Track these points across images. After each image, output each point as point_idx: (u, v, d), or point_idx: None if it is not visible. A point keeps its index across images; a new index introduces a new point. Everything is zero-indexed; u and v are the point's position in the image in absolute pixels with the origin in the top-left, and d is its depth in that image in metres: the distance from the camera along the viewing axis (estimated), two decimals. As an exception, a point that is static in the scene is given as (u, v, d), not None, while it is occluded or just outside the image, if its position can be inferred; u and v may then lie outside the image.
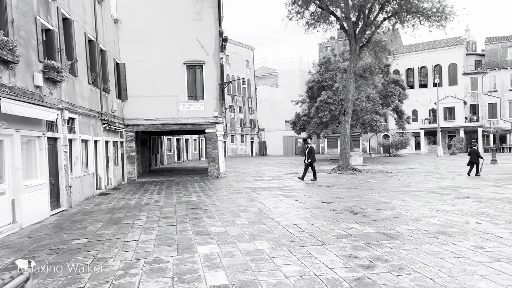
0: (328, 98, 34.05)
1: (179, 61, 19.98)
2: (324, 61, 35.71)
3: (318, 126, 35.93)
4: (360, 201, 10.78)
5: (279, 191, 13.56)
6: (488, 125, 50.11)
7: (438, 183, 15.14)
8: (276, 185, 15.86)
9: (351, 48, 23.03)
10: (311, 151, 17.03)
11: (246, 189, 14.61)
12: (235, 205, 10.63)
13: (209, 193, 13.74)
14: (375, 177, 18.79)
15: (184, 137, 41.30)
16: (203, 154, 46.83)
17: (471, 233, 6.70)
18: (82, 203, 12.13)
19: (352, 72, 22.99)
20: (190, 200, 12.01)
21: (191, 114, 20.08)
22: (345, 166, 22.48)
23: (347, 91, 23.17)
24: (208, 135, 20.36)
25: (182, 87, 20.05)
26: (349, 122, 23.16)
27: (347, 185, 15.35)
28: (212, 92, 20.20)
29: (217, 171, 20.39)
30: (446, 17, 21.51)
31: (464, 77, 51.58)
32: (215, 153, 20.36)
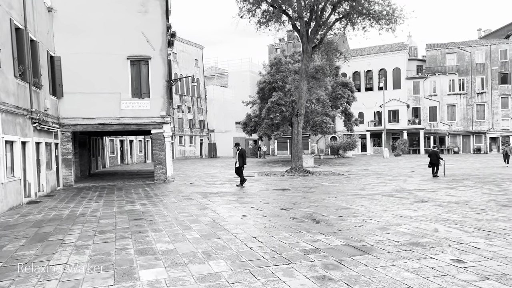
0: (279, 99, 33.64)
1: (122, 55, 18.42)
2: (275, 62, 35.29)
3: (270, 127, 35.43)
4: (320, 207, 10.13)
5: (233, 197, 12.62)
6: (429, 128, 52.51)
7: (393, 186, 14.98)
8: (229, 189, 14.90)
9: (304, 48, 22.64)
10: (242, 154, 15.90)
11: (197, 195, 13.52)
12: (185, 214, 9.55)
13: (155, 200, 12.49)
14: (328, 179, 18.42)
15: (128, 138, 39.08)
16: (149, 156, 44.73)
17: (445, 243, 6.18)
18: (5, 214, 10.44)
19: (304, 73, 22.60)
20: (133, 209, 10.73)
21: (136, 113, 18.59)
22: (298, 168, 22.03)
23: (299, 92, 22.74)
24: (154, 136, 18.97)
25: (125, 83, 18.51)
26: (301, 123, 22.74)
27: (303, 188, 14.74)
28: (159, 90, 18.84)
29: (164, 175, 19.05)
30: (396, 20, 21.75)
31: (407, 81, 53.67)
32: (162, 156, 19.01)
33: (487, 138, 50.62)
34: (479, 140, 50.94)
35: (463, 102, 51.63)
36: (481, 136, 50.97)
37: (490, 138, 50.67)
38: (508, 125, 50.08)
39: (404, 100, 52.92)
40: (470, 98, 51.37)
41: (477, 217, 8.31)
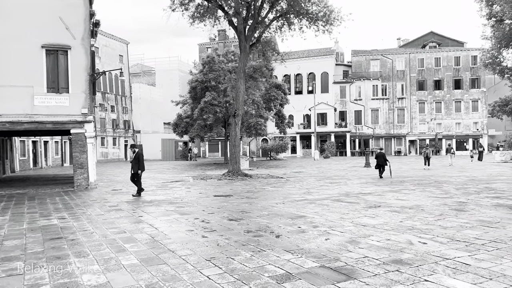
0: (213, 100, 32.37)
1: (36, 43, 15.95)
2: (208, 61, 33.95)
3: (202, 128, 33.98)
4: (272, 216, 9.11)
5: (170, 206, 11.14)
6: (354, 131, 54.64)
7: (337, 189, 14.52)
8: (164, 197, 13.33)
9: (241, 46, 21.66)
10: (139, 158, 13.62)
11: (127, 204, 11.80)
12: (116, 230, 7.94)
13: (76, 212, 10.58)
14: (269, 183, 17.59)
15: (42, 139, 35.05)
16: (66, 159, 40.71)
17: (430, 259, 5.46)
18: None
19: (242, 72, 21.62)
20: (49, 224, 8.83)
21: (52, 110, 16.19)
22: (236, 172, 20.97)
23: (236, 92, 21.71)
24: (74, 136, 16.68)
25: (39, 76, 16.04)
26: (239, 124, 21.73)
27: (246, 194, 13.68)
28: (80, 84, 16.61)
29: (86, 181, 16.82)
30: (332, 22, 21.69)
31: (334, 85, 55.37)
32: (84, 159, 16.78)
33: (406, 141, 53.96)
34: (400, 143, 54.11)
35: (386, 107, 54.51)
36: (401, 139, 54.19)
37: (409, 141, 54.08)
38: (424, 129, 53.84)
39: (331, 103, 54.50)
40: (391, 103, 54.39)
41: (441, 224, 7.87)
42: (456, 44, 56.80)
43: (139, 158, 13.66)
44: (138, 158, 13.64)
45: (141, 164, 13.59)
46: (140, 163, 13.58)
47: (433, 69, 53.63)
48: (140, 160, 13.65)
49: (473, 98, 52.88)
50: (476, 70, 52.51)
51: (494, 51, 28.39)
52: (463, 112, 53.13)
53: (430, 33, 58.96)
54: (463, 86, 53.00)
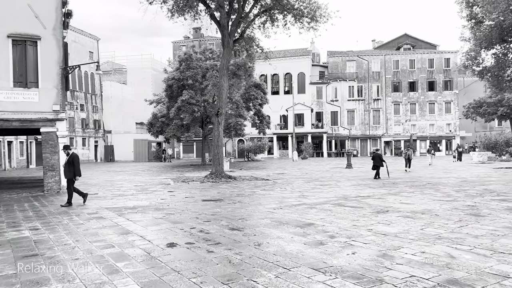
0: (191, 98, 31.10)
1: (1, 32, 14.39)
2: (185, 58, 32.63)
3: (179, 128, 32.60)
4: (276, 224, 8.18)
5: (158, 213, 10.00)
6: (331, 132, 54.52)
7: (332, 192, 13.76)
8: (147, 202, 12.13)
9: (224, 41, 20.63)
10: (73, 162, 11.61)
11: (108, 211, 10.55)
12: (102, 244, 6.78)
13: (51, 220, 9.27)
14: (256, 185, 16.66)
15: (6, 139, 32.67)
16: (32, 161, 38.29)
17: (489, 279, 4.68)
18: None
19: (225, 69, 20.59)
20: (20, 237, 7.54)
21: (19, 107, 14.65)
22: (219, 174, 19.91)
23: (220, 89, 20.65)
24: (45, 136, 15.18)
25: (5, 68, 14.50)
26: (222, 124, 20.66)
27: (236, 198, 12.68)
28: (51, 78, 15.14)
29: (57, 184, 15.35)
30: (318, 19, 21.01)
31: (311, 86, 55.09)
32: (55, 160, 15.30)
33: (382, 142, 54.30)
34: (375, 144, 54.40)
35: (361, 108, 54.70)
36: (376, 140, 54.52)
37: (385, 142, 54.48)
38: (399, 130, 54.37)
39: (308, 104, 54.19)
40: (367, 104, 54.63)
41: (468, 232, 7.17)
42: (429, 47, 57.77)
43: (73, 161, 11.62)
44: (73, 162, 11.60)
45: (77, 169, 11.59)
46: (75, 167, 11.56)
47: (408, 71, 54.28)
48: (75, 164, 11.61)
49: (446, 100, 53.88)
50: (449, 72, 53.55)
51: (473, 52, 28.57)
52: (437, 114, 54.03)
53: (404, 35, 59.75)
54: (437, 88, 53.92)
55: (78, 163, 11.72)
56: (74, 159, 11.66)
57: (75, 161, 11.65)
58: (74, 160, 11.65)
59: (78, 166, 11.68)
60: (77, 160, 11.79)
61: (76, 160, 11.73)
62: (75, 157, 11.81)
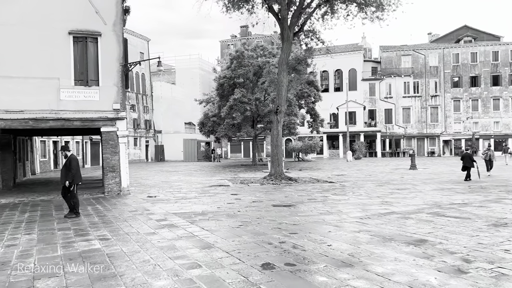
0: (242, 97, 30.21)
1: (63, 29, 13.98)
2: (236, 56, 31.81)
3: (231, 128, 31.84)
4: (381, 240, 6.86)
5: (232, 221, 8.96)
6: (385, 130, 51.93)
7: (417, 199, 12.19)
8: (214, 206, 11.16)
9: (284, 35, 19.44)
10: (71, 165, 9.82)
11: (177, 217, 9.65)
12: (185, 262, 5.77)
13: (119, 228, 8.48)
14: (323, 188, 15.33)
15: (63, 139, 33.37)
16: (87, 160, 39.04)
17: None
18: None
19: (285, 63, 19.40)
20: (91, 249, 6.72)
21: (80, 106, 14.21)
22: (279, 175, 18.78)
23: (279, 86, 19.49)
24: (105, 135, 14.67)
25: (66, 66, 14.08)
26: (281, 122, 19.52)
27: (309, 203, 11.43)
28: (111, 75, 14.61)
29: (118, 186, 14.80)
30: (384, 8, 19.31)
31: (363, 82, 52.78)
32: (116, 161, 14.75)
33: (440, 141, 51.03)
34: (433, 143, 51.24)
35: (418, 105, 51.68)
36: (434, 139, 51.30)
37: (443, 141, 51.14)
38: (460, 128, 50.85)
39: (360, 101, 51.94)
40: (424, 101, 51.53)
41: None
42: (492, 38, 53.63)
43: (70, 165, 9.80)
44: (69, 165, 9.80)
45: (76, 173, 9.81)
46: (73, 171, 9.76)
47: (469, 65, 50.59)
48: (73, 167, 9.78)
49: (513, 95, 49.68)
50: (516, 65, 49.31)
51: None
52: (502, 110, 49.96)
53: (464, 27, 55.88)
54: (502, 83, 49.85)
55: (76, 167, 9.87)
56: (71, 162, 9.83)
57: (73, 165, 9.80)
58: (71, 163, 9.82)
59: (76, 170, 9.83)
60: (75, 163, 9.91)
61: (74, 163, 9.86)
62: (73, 159, 9.94)
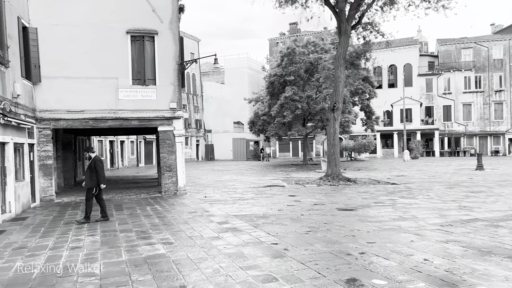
0: (294, 95, 29.48)
1: (120, 28, 14.01)
2: (287, 52, 31.10)
3: (281, 126, 31.22)
4: (506, 256, 5.95)
5: (297, 225, 8.33)
6: (443, 128, 49.04)
7: (499, 203, 10.92)
8: (275, 209, 10.58)
9: (341, 28, 18.49)
10: (96, 167, 9.41)
11: (238, 220, 9.18)
12: (259, 274, 5.22)
13: (181, 230, 8.12)
14: (387, 190, 14.30)
15: (119, 139, 34.37)
16: (141, 159, 40.03)
17: None
18: None
19: (342, 58, 18.47)
20: (155, 254, 6.38)
21: (138, 105, 14.18)
22: (336, 176, 17.90)
23: (336, 82, 18.59)
24: (162, 135, 14.56)
25: (124, 66, 14.09)
26: (338, 120, 18.63)
27: (376, 207, 10.55)
28: (168, 74, 14.47)
29: (174, 186, 14.65)
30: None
31: (419, 78, 50.17)
32: (172, 160, 14.61)
33: (505, 139, 47.37)
34: (497, 142, 47.68)
35: (480, 101, 48.32)
36: (499, 137, 47.71)
37: (509, 139, 47.43)
38: (528, 125, 46.92)
39: (416, 98, 49.38)
40: (487, 97, 48.07)
41: None
42: None
43: (95, 167, 9.40)
44: (95, 168, 9.40)
45: (100, 176, 9.39)
46: (98, 174, 9.37)
47: (539, 57, 46.48)
48: (98, 169, 9.38)
49: None
50: None
51: None
52: None
53: (532, 16, 51.44)
54: None
55: (101, 169, 9.49)
56: (96, 164, 9.42)
57: (98, 167, 9.39)
58: (96, 165, 9.41)
59: (102, 172, 9.46)
60: (100, 165, 9.49)
61: (99, 165, 9.46)
62: (98, 161, 9.52)
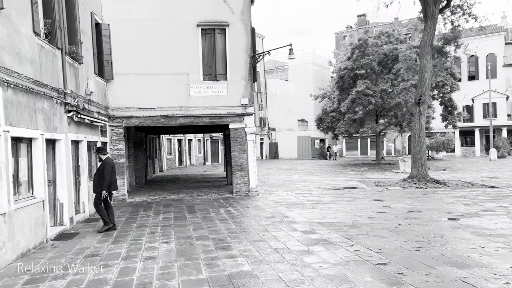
0: (367, 89, 27.54)
1: (191, 22, 13.37)
2: (359, 44, 29.19)
3: (352, 123, 29.39)
4: None
5: (401, 239, 6.96)
6: (534, 124, 43.82)
7: None
8: (362, 216, 9.23)
9: (427, 12, 16.52)
10: (103, 171, 8.30)
11: (326, 229, 7.99)
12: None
13: (261, 239, 7.11)
14: (490, 195, 12.28)
15: (186, 137, 34.58)
16: (208, 158, 40.12)
17: None
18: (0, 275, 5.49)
19: (429, 46, 16.49)
20: (239, 272, 5.41)
21: (208, 102, 13.48)
22: (423, 177, 16.00)
23: (421, 72, 16.64)
24: (233, 132, 13.75)
25: (195, 61, 13.45)
26: (425, 114, 16.71)
27: (489, 217, 8.78)
28: (239, 68, 13.62)
29: (246, 186, 13.77)
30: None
31: (504, 69, 45.39)
32: (244, 159, 13.74)
33: None
34: None
35: None
36: None
37: None
38: None
39: (501, 91, 44.65)
40: None
41: None
42: None
43: (103, 170, 8.30)
44: (103, 171, 8.29)
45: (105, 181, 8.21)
46: (103, 179, 8.23)
47: None
48: (105, 174, 8.24)
49: None
50: None
51: None
52: None
53: None
54: None
55: (109, 173, 8.28)
56: (104, 167, 8.32)
57: (106, 170, 8.26)
58: (104, 168, 8.31)
59: (109, 177, 8.26)
60: (109, 169, 8.32)
61: (107, 169, 8.30)
62: (107, 164, 8.40)
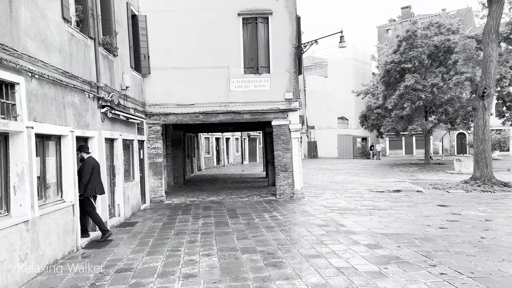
0: (416, 83, 25.65)
1: (231, 11, 12.44)
2: (407, 36, 27.24)
3: (399, 120, 27.54)
4: None
5: (491, 257, 5.65)
6: None
7: None
8: (431, 225, 7.92)
9: (492, -5, 14.73)
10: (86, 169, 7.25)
11: (391, 241, 6.78)
12: None
13: (316, 254, 6.02)
14: None
15: (224, 135, 33.88)
16: (245, 157, 39.32)
17: None
18: None
19: (494, 32, 14.69)
20: (300, 300, 4.35)
21: (250, 97, 12.50)
22: (488, 179, 14.28)
23: (485, 62, 14.88)
24: (276, 129, 12.69)
25: (236, 53, 12.51)
26: (489, 109, 14.92)
27: None
28: (283, 60, 12.56)
29: (290, 188, 12.69)
30: None
31: None
32: (288, 159, 12.64)
33: None
34: None
35: None
36: None
37: None
38: None
39: None
40: None
41: None
42: None
43: (83, 170, 7.25)
44: (80, 172, 7.23)
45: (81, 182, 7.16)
46: (81, 179, 7.18)
47: None
48: (82, 174, 7.21)
49: None
50: None
51: None
52: None
53: None
54: None
55: (88, 174, 7.24)
56: (84, 167, 7.27)
57: (85, 170, 7.23)
58: (84, 168, 7.27)
59: (87, 178, 7.22)
60: (89, 169, 7.27)
61: (88, 169, 7.26)
62: (88, 164, 7.32)
